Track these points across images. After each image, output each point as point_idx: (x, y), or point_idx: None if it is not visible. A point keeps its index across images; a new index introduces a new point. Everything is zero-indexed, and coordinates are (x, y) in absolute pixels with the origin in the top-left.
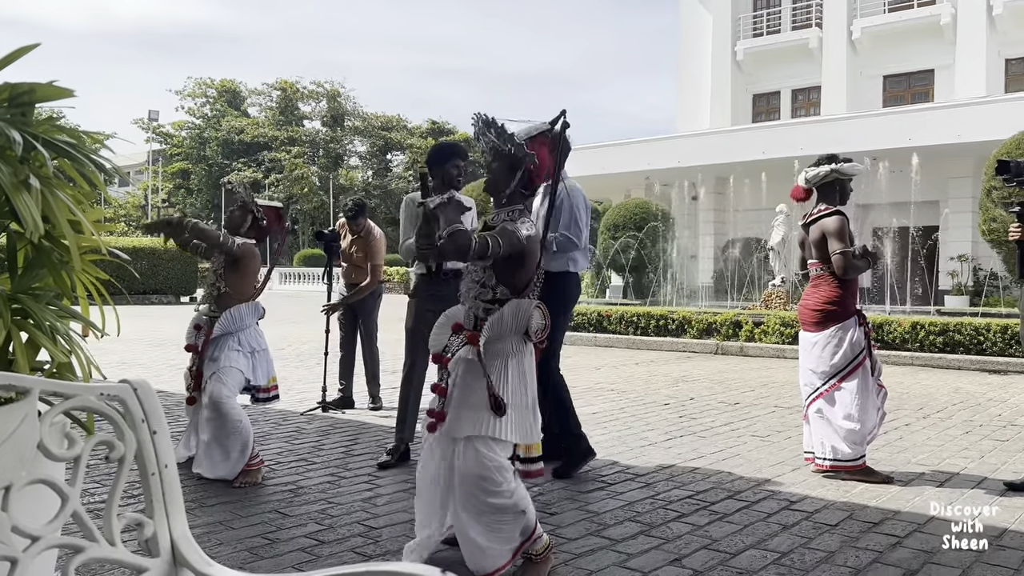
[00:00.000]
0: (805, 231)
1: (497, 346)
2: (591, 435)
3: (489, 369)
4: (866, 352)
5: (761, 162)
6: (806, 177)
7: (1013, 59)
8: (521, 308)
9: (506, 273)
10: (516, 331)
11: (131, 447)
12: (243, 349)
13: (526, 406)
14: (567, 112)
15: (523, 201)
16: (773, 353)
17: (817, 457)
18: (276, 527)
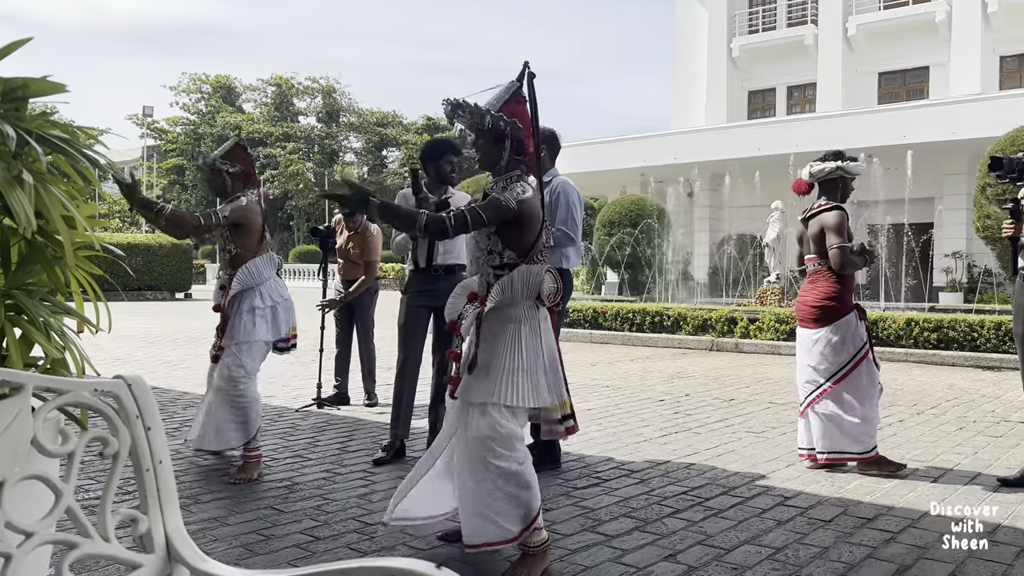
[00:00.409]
0: (804, 226)
1: (508, 311)
2: (586, 431)
3: (502, 334)
4: (868, 346)
5: (757, 159)
6: (810, 171)
7: (1008, 56)
8: (532, 273)
9: (510, 238)
10: (527, 296)
11: (125, 443)
12: (264, 306)
13: (542, 369)
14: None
15: (520, 167)
16: (768, 349)
17: (818, 452)
18: (271, 523)
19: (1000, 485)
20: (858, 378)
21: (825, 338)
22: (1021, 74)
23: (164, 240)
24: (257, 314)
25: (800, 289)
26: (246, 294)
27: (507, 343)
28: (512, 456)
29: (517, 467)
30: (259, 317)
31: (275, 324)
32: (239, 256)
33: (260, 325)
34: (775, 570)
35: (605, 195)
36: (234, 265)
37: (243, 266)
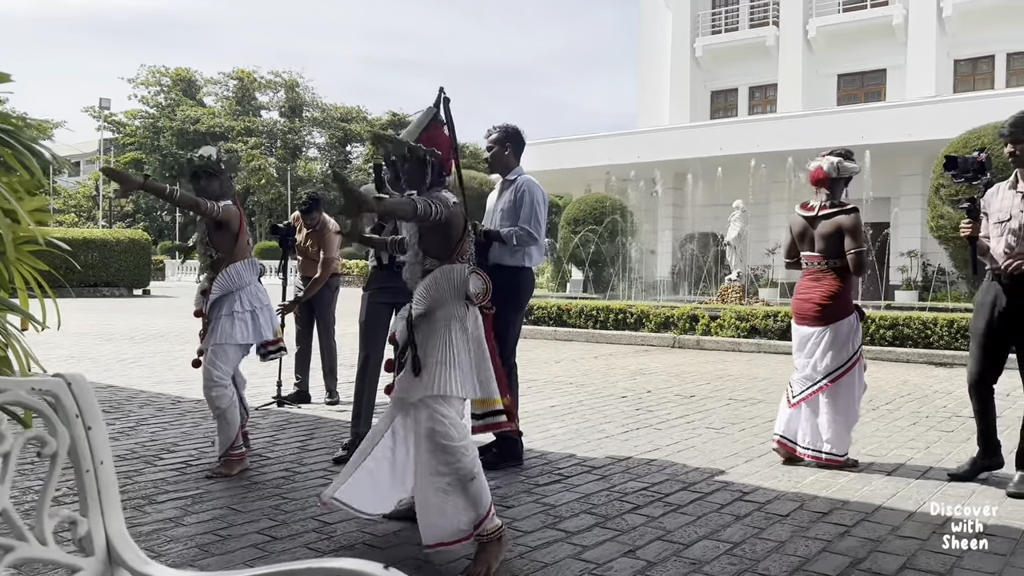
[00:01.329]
0: (809, 223)
1: (440, 312)
2: (548, 428)
3: (433, 334)
4: (862, 347)
5: (719, 158)
6: (837, 168)
7: (961, 60)
8: (454, 272)
9: (431, 244)
10: (455, 296)
11: (64, 443)
12: (243, 310)
13: (475, 364)
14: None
15: (442, 186)
16: (729, 347)
17: (798, 445)
18: (228, 523)
19: (951, 479)
20: (851, 378)
21: (830, 336)
22: (974, 77)
23: (121, 235)
24: (236, 317)
25: (797, 287)
26: (226, 298)
27: (438, 341)
28: (456, 447)
29: (462, 460)
30: (238, 320)
31: (255, 328)
32: (220, 260)
33: (238, 328)
34: (732, 564)
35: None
36: (215, 269)
37: (224, 270)
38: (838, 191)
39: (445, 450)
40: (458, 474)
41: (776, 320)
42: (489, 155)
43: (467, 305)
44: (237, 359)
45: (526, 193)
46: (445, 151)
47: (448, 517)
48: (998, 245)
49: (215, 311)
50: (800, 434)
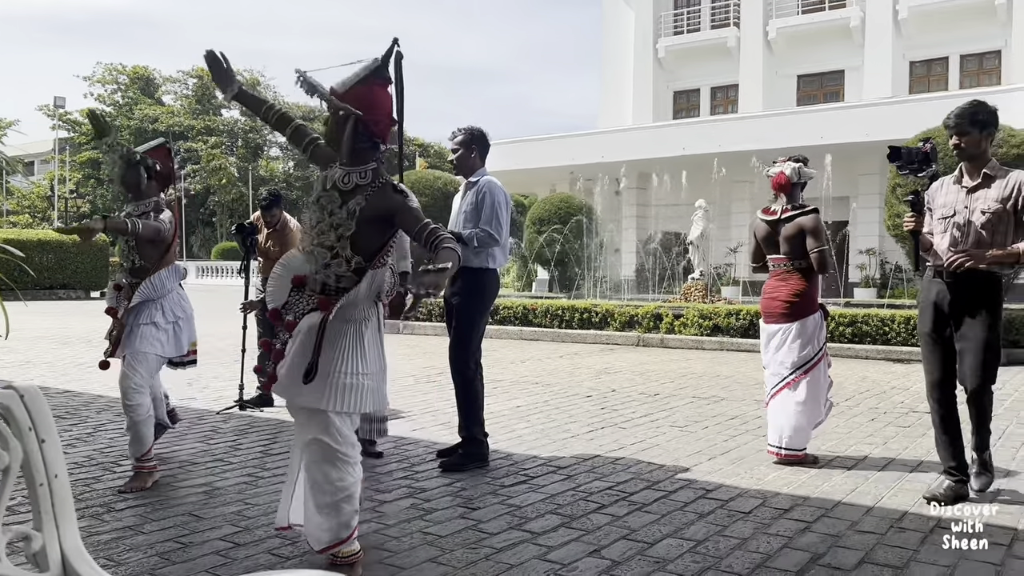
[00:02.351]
0: (772, 227)
1: (349, 312)
2: (514, 429)
3: (340, 336)
4: (826, 345)
5: (681, 158)
6: (799, 172)
7: (917, 62)
8: (376, 278)
9: (364, 241)
10: (369, 298)
11: (16, 457)
12: (167, 321)
13: (380, 371)
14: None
15: (374, 155)
16: (692, 345)
17: (773, 446)
18: (190, 530)
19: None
20: (817, 374)
21: (796, 332)
22: (929, 79)
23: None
24: (159, 328)
25: (766, 287)
26: (146, 306)
27: (346, 345)
28: (343, 467)
29: (346, 479)
30: (161, 331)
31: (176, 341)
32: (143, 268)
33: (161, 340)
34: (696, 562)
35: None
36: (137, 275)
37: (148, 278)
38: (797, 195)
39: (335, 466)
40: (338, 493)
41: (738, 318)
42: (454, 157)
43: (375, 304)
44: (157, 368)
45: (487, 195)
46: (384, 115)
47: (321, 527)
48: (942, 241)
49: (134, 317)
50: (769, 432)
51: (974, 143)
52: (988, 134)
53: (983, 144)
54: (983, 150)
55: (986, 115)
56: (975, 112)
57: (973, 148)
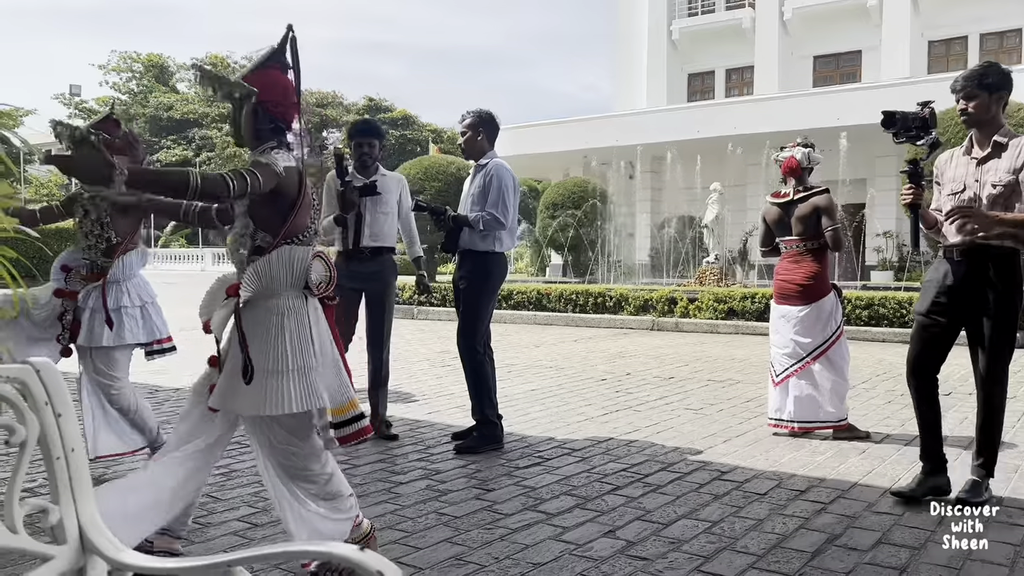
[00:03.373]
0: (784, 209)
1: (270, 302)
2: (529, 412)
3: (263, 331)
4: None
5: (696, 141)
6: (808, 157)
7: (935, 41)
8: (293, 255)
9: (263, 216)
10: (292, 284)
11: (33, 431)
12: (133, 305)
13: (311, 368)
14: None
15: (275, 137)
16: (707, 328)
17: (795, 422)
18: (208, 511)
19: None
20: (836, 352)
21: (814, 313)
22: (948, 58)
23: None
24: (124, 313)
25: (777, 269)
26: (111, 288)
27: (270, 341)
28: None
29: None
30: (128, 317)
31: (146, 325)
32: (116, 246)
33: (130, 326)
34: (711, 543)
35: (548, 177)
36: (108, 254)
37: (120, 257)
38: (806, 179)
39: (306, 480)
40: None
41: (753, 302)
42: (463, 140)
43: (306, 296)
44: (127, 360)
45: (494, 178)
46: (282, 96)
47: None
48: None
49: (95, 300)
50: (793, 411)
51: (983, 108)
52: (999, 98)
53: (993, 109)
54: (993, 115)
55: (996, 77)
56: (984, 73)
57: (982, 113)
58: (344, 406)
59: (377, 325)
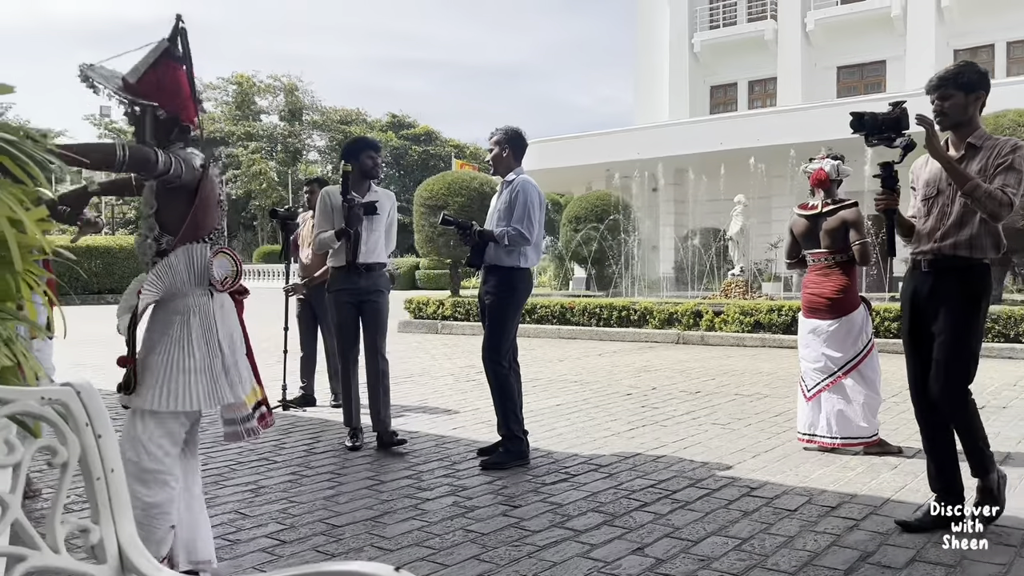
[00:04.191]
0: (812, 222)
1: (177, 302)
2: (554, 427)
3: (166, 330)
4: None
5: (719, 153)
6: (837, 169)
7: (961, 50)
8: (193, 254)
9: (170, 216)
10: (196, 282)
11: (74, 452)
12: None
13: (220, 366)
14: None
15: (182, 136)
16: (733, 342)
17: (825, 437)
18: (236, 528)
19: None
20: (868, 365)
21: (842, 328)
22: None
23: (124, 243)
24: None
25: (805, 281)
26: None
27: (171, 340)
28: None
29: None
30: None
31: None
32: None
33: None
34: (741, 560)
35: (571, 191)
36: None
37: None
38: (834, 191)
39: (140, 480)
40: (149, 510)
41: (780, 314)
42: (491, 157)
43: (211, 293)
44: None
45: (520, 193)
46: (186, 96)
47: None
48: (924, 225)
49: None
50: (824, 426)
51: (959, 108)
52: (976, 98)
53: (970, 109)
54: (970, 116)
55: (973, 76)
56: (960, 72)
57: (958, 114)
58: (251, 394)
59: (373, 337)
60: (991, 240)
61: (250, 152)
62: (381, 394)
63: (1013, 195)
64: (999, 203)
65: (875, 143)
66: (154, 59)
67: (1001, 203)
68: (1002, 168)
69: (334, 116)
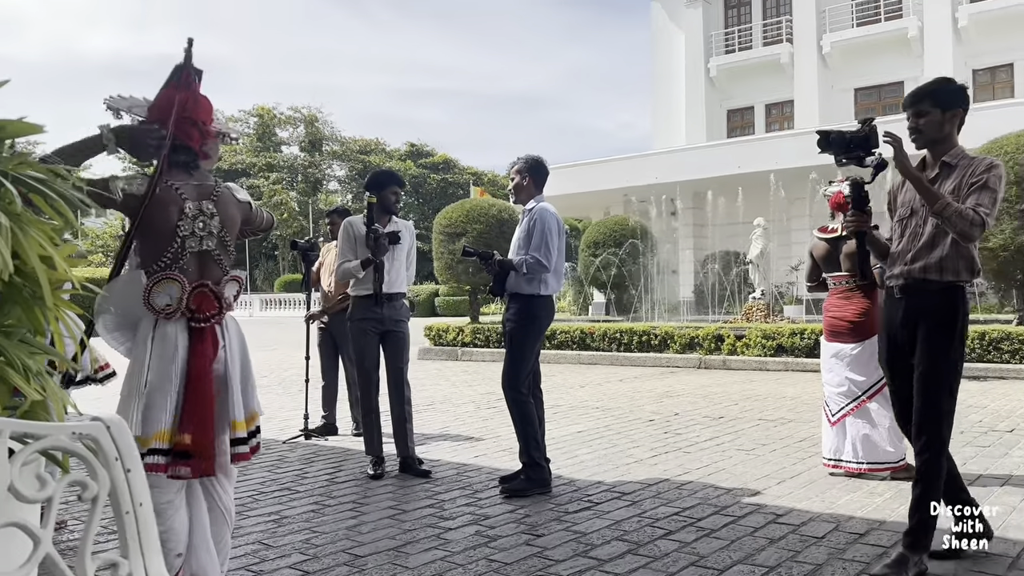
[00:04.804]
0: (832, 245)
1: (140, 325)
2: (576, 454)
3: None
4: None
5: (737, 176)
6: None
7: (980, 70)
8: (131, 280)
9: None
10: (139, 310)
11: (104, 486)
12: None
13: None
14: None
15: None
16: (755, 366)
17: (851, 462)
18: (259, 559)
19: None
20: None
21: (865, 351)
22: (993, 87)
23: None
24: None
25: (827, 305)
26: None
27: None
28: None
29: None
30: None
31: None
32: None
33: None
34: None
35: (589, 216)
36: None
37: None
38: None
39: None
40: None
41: (803, 337)
42: (511, 186)
43: (155, 320)
44: None
45: (537, 221)
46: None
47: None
48: (897, 248)
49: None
50: (850, 451)
51: (934, 125)
52: (953, 115)
53: (947, 127)
54: (947, 134)
55: (950, 92)
56: (937, 88)
57: (933, 132)
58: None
59: (397, 366)
60: (964, 263)
61: (271, 183)
62: (405, 422)
63: (986, 215)
64: (970, 223)
65: (845, 162)
66: (166, 83)
67: (972, 223)
68: (976, 187)
69: (354, 146)
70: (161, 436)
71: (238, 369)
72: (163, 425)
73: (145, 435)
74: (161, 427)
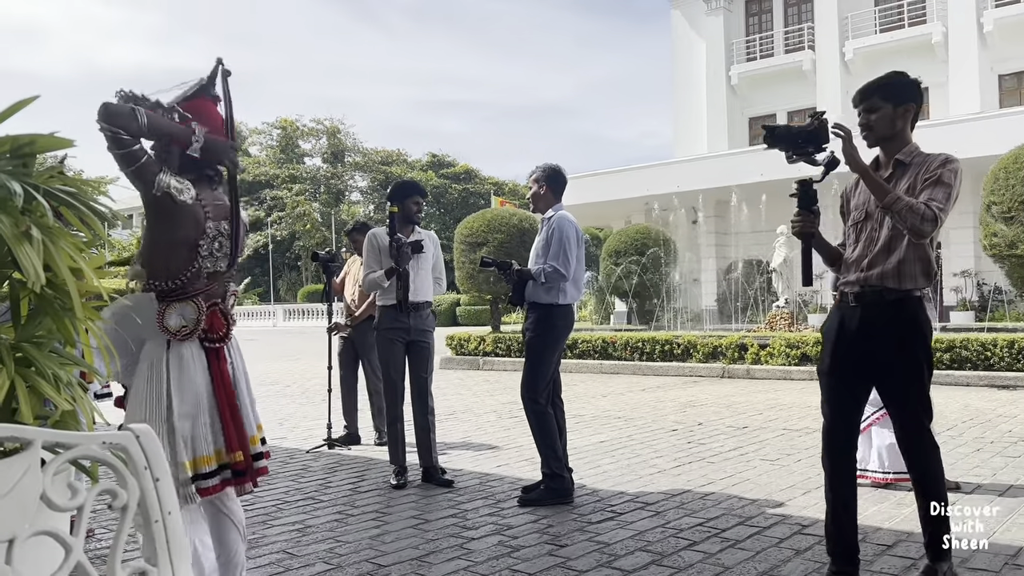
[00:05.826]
0: None
1: (147, 348)
2: (599, 464)
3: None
4: None
5: (760, 184)
6: None
7: (1006, 75)
8: (141, 301)
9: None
10: (150, 332)
11: (134, 495)
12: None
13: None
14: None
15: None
16: (780, 375)
17: (878, 472)
18: (284, 568)
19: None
20: None
21: None
22: (1020, 92)
23: None
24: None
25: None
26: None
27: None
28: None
29: None
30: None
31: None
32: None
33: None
34: None
35: (611, 225)
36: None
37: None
38: None
39: None
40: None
41: None
42: (530, 195)
43: (167, 342)
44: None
45: (556, 230)
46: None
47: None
48: (851, 254)
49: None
50: (876, 461)
51: (886, 121)
52: (905, 111)
53: (899, 124)
54: (898, 131)
55: (902, 86)
56: (886, 82)
57: (885, 128)
58: (205, 457)
59: (421, 376)
60: (920, 267)
61: (294, 194)
62: (428, 432)
63: (939, 210)
64: (921, 217)
65: (795, 159)
66: (190, 93)
67: (924, 217)
68: (929, 182)
69: (376, 157)
70: (208, 460)
71: (244, 383)
72: (205, 450)
73: (203, 456)
74: (203, 452)
